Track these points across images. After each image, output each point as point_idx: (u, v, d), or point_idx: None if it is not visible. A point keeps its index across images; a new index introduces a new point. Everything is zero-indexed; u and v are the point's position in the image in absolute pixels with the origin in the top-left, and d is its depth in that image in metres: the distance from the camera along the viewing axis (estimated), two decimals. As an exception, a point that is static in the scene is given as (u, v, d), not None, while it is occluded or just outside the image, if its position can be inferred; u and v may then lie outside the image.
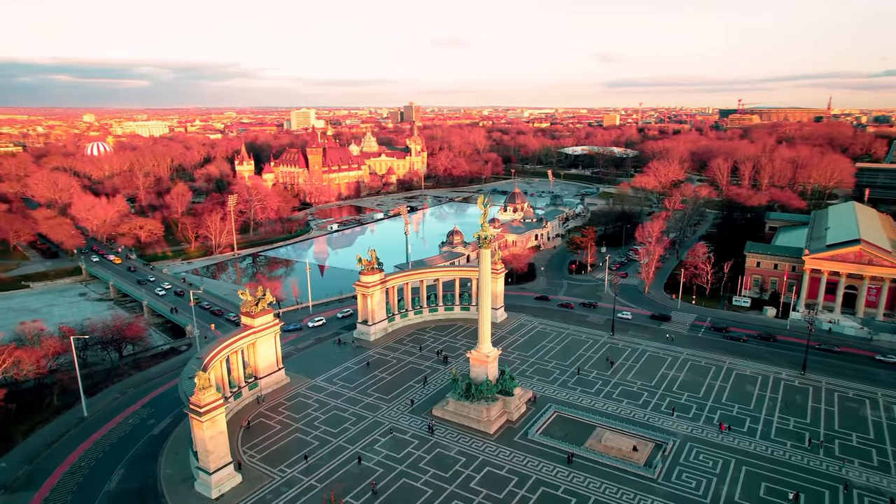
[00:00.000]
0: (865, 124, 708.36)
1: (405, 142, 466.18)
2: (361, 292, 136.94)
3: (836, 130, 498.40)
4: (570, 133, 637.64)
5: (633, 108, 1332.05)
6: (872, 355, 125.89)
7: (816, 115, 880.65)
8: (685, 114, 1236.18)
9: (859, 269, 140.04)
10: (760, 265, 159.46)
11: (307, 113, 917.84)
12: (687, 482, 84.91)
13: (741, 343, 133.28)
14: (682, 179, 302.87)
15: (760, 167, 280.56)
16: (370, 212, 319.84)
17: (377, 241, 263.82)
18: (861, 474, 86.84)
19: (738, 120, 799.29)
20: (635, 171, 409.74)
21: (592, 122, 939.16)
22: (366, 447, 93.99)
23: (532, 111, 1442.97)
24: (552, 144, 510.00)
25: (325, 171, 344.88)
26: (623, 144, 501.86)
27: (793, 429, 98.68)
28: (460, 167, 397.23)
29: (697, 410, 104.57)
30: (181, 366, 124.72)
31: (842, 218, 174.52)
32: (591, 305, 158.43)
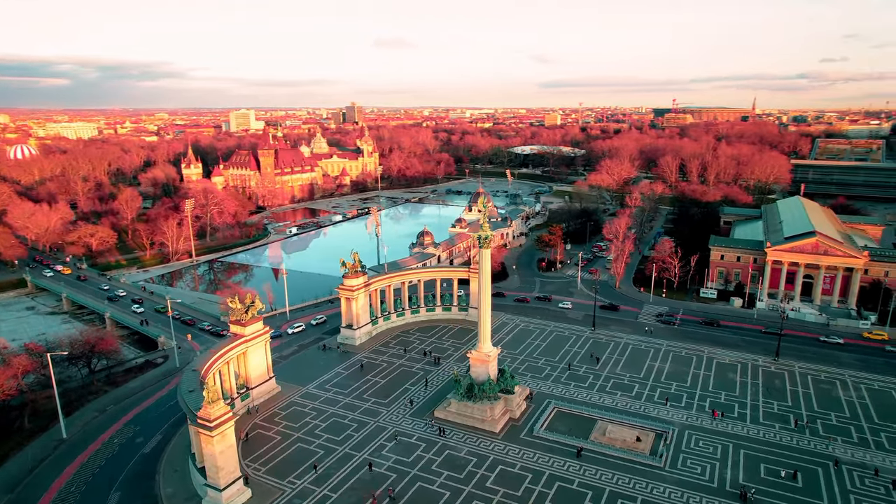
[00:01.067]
0: (787, 123, 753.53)
1: (354, 142, 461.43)
2: (345, 296, 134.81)
3: (765, 129, 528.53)
4: (514, 133, 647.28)
5: (573, 108, 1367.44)
6: (818, 337, 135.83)
7: (743, 114, 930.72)
8: (621, 113, 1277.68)
9: (816, 259, 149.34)
10: (724, 258, 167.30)
11: (247, 114, 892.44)
12: (692, 468, 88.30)
13: (716, 333, 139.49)
14: (633, 177, 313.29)
15: (707, 164, 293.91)
16: (326, 214, 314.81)
17: (340, 243, 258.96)
18: (846, 450, 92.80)
19: (673, 119, 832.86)
20: (585, 170, 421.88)
21: (534, 121, 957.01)
22: (373, 453, 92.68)
23: (473, 111, 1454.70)
24: (501, 144, 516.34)
25: (277, 174, 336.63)
26: (569, 143, 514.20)
27: (777, 412, 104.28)
28: (414, 168, 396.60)
29: (688, 399, 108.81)
30: (161, 380, 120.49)
31: (792, 212, 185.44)
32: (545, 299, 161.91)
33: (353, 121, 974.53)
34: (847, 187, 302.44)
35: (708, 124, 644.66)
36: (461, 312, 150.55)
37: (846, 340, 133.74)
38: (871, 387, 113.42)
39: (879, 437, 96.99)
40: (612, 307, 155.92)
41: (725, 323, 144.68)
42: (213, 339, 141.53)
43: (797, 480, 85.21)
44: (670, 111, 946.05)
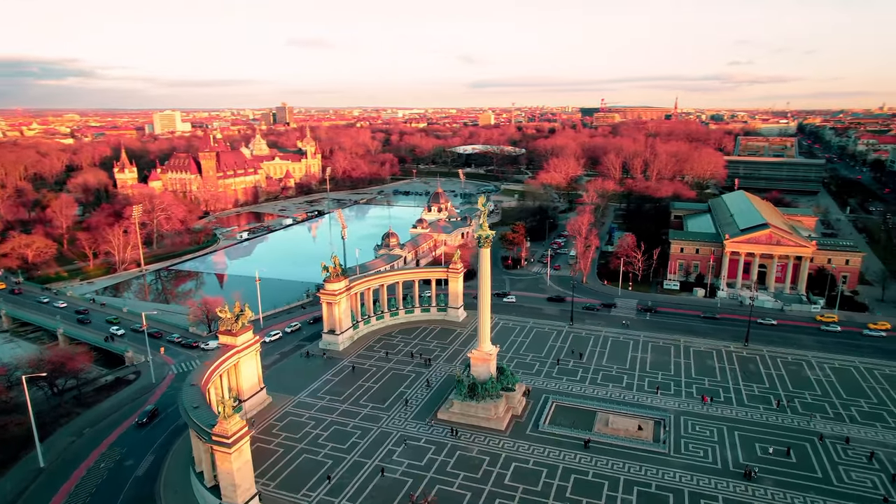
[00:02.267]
0: (707, 122, 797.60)
1: (294, 143, 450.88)
2: (327, 300, 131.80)
3: (690, 127, 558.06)
4: (452, 133, 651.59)
5: (503, 108, 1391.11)
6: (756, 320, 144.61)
7: (666, 113, 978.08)
8: (550, 113, 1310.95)
9: (770, 249, 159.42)
10: (684, 251, 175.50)
11: (172, 116, 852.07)
12: (695, 452, 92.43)
13: (686, 322, 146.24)
14: (580, 175, 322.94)
15: (649, 161, 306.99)
16: (274, 217, 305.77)
17: (292, 247, 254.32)
18: (826, 425, 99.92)
19: (602, 118, 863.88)
20: (528, 169, 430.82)
21: (467, 121, 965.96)
22: (384, 459, 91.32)
23: (405, 111, 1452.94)
24: (442, 144, 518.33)
25: (220, 177, 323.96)
26: (507, 143, 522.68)
27: (758, 394, 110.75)
28: (360, 169, 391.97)
29: (676, 387, 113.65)
30: (137, 397, 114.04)
31: (740, 205, 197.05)
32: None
33: (284, 121, 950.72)
34: (773, 182, 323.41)
35: (637, 123, 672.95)
36: (440, 313, 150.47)
37: (798, 323, 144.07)
38: (833, 365, 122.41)
39: (850, 411, 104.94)
40: (607, 305, 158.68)
41: (723, 315, 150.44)
42: (186, 351, 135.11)
43: (790, 456, 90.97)
44: (598, 110, 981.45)
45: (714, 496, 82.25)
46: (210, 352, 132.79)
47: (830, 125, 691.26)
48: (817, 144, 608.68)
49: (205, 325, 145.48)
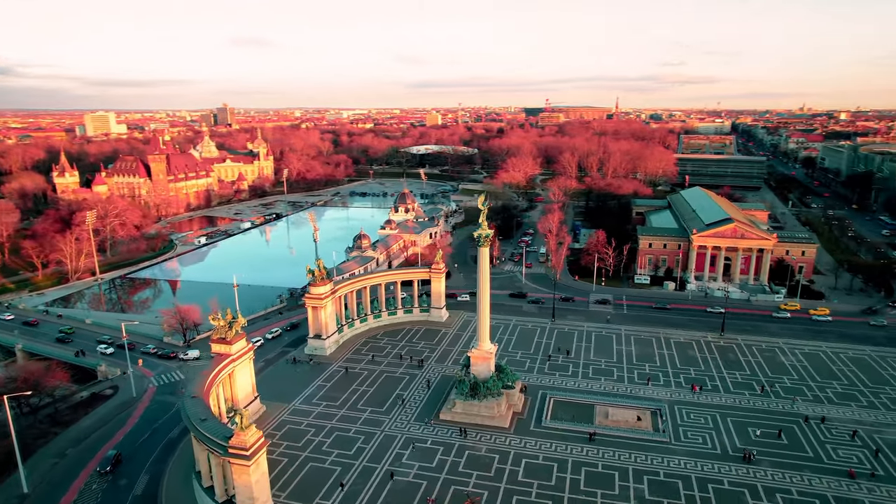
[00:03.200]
0: (648, 121, 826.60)
1: (243, 145, 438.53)
2: (313, 305, 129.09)
3: (636, 126, 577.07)
4: (401, 133, 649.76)
5: (447, 108, 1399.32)
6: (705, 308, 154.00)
7: (608, 112, 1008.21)
8: (494, 113, 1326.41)
9: (734, 242, 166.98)
10: (652, 246, 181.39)
11: (105, 117, 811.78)
12: (694, 439, 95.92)
13: (662, 315, 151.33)
14: (538, 174, 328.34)
15: (604, 160, 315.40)
16: (228, 222, 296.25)
17: (255, 251, 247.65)
18: (807, 407, 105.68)
19: (547, 118, 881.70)
20: (483, 168, 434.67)
21: (414, 122, 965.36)
22: (393, 463, 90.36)
23: (349, 112, 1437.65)
24: (393, 145, 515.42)
25: (170, 181, 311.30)
26: (459, 143, 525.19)
27: (742, 380, 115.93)
28: (315, 170, 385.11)
29: (665, 377, 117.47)
30: (119, 413, 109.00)
31: (700, 201, 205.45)
32: (522, 296, 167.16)
33: (225, 122, 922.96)
34: (719, 178, 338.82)
35: (583, 122, 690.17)
36: (423, 314, 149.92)
37: (765, 312, 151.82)
38: (803, 351, 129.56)
39: (826, 392, 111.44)
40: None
41: (728, 307, 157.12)
42: (164, 362, 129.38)
43: (782, 438, 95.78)
44: (543, 111, 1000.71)
45: (720, 480, 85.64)
46: (190, 362, 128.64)
47: (761, 124, 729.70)
48: (751, 142, 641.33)
49: (180, 334, 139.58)
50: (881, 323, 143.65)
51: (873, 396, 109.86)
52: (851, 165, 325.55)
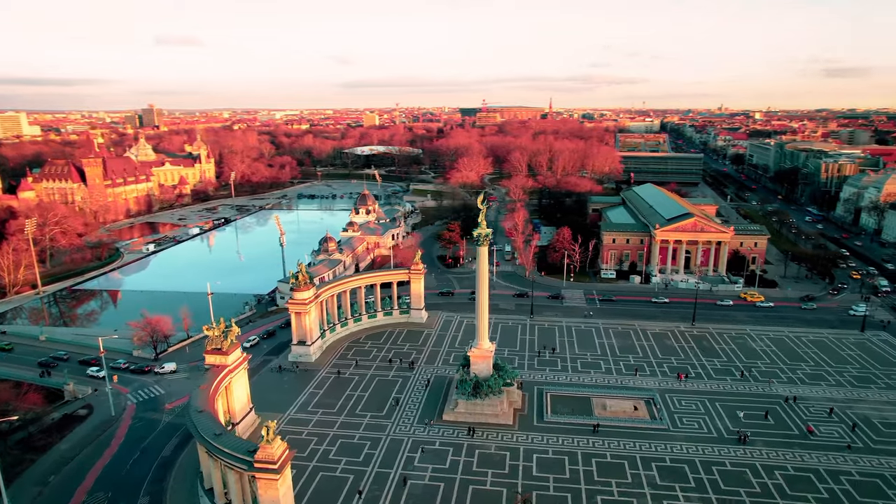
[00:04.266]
0: (582, 120, 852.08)
1: (181, 148, 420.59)
2: (296, 310, 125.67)
3: (573, 126, 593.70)
4: (341, 134, 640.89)
5: (382, 109, 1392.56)
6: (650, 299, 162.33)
7: (542, 112, 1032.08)
8: (430, 113, 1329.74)
9: (695, 236, 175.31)
10: (615, 241, 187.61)
11: (16, 117, 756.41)
12: (690, 425, 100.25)
13: (634, 308, 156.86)
14: (490, 173, 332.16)
15: (554, 158, 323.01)
16: (174, 227, 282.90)
17: (208, 258, 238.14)
18: (785, 388, 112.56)
19: (484, 118, 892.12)
20: (430, 169, 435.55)
21: (351, 122, 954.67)
22: (406, 467, 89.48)
23: (281, 113, 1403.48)
24: (336, 146, 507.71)
25: (108, 185, 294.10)
26: (403, 143, 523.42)
27: (720, 367, 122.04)
28: (260, 173, 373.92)
29: (650, 367, 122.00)
30: (99, 434, 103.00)
31: (655, 197, 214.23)
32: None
33: (152, 124, 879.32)
34: (660, 174, 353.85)
35: (522, 122, 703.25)
36: (403, 315, 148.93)
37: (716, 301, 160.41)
38: (770, 336, 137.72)
39: (798, 374, 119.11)
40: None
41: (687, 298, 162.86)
42: (139, 377, 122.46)
43: (768, 419, 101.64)
44: (479, 111, 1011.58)
45: (721, 462, 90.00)
46: (167, 376, 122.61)
47: (688, 123, 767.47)
48: (680, 140, 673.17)
49: (150, 347, 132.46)
50: (811, 307, 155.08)
51: (838, 375, 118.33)
52: (779, 161, 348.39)
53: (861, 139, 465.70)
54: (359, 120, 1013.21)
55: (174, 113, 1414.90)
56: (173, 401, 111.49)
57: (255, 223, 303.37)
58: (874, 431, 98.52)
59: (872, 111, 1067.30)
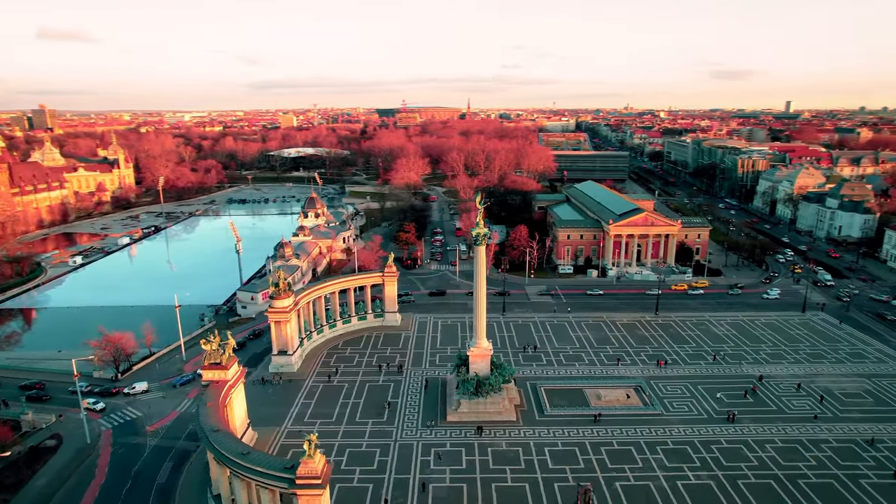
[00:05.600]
0: (502, 120, 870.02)
1: (93, 152, 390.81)
2: (276, 319, 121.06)
3: (497, 126, 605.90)
4: (261, 137, 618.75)
5: (295, 110, 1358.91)
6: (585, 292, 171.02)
7: (461, 112, 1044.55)
8: (346, 114, 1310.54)
9: (646, 230, 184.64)
10: (570, 237, 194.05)
11: None
12: (680, 408, 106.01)
13: (596, 301, 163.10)
14: (428, 174, 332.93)
15: (491, 158, 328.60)
16: (101, 238, 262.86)
17: (144, 269, 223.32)
18: (754, 369, 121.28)
19: (405, 118, 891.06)
20: (361, 170, 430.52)
21: (266, 124, 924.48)
22: (424, 471, 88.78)
23: (190, 115, 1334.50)
24: (261, 148, 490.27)
25: (15, 193, 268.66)
26: (328, 145, 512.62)
27: (693, 352, 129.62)
28: (185, 178, 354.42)
29: (629, 357, 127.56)
30: (78, 465, 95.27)
31: (601, 194, 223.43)
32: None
33: (44, 126, 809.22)
34: (589, 172, 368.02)
35: (444, 122, 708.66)
36: (377, 319, 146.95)
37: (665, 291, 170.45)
38: (727, 321, 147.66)
39: (760, 354, 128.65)
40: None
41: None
42: (109, 400, 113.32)
43: (748, 398, 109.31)
44: (396, 111, 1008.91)
45: (717, 440, 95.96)
46: (138, 397, 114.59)
47: (601, 122, 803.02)
48: (596, 139, 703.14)
49: (112, 367, 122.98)
50: (737, 293, 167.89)
51: (795, 353, 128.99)
52: (697, 158, 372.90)
53: (759, 137, 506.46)
54: (274, 121, 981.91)
55: (65, 114, 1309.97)
56: (154, 422, 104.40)
57: (187, 230, 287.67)
58: (838, 402, 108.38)
59: (758, 111, 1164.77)
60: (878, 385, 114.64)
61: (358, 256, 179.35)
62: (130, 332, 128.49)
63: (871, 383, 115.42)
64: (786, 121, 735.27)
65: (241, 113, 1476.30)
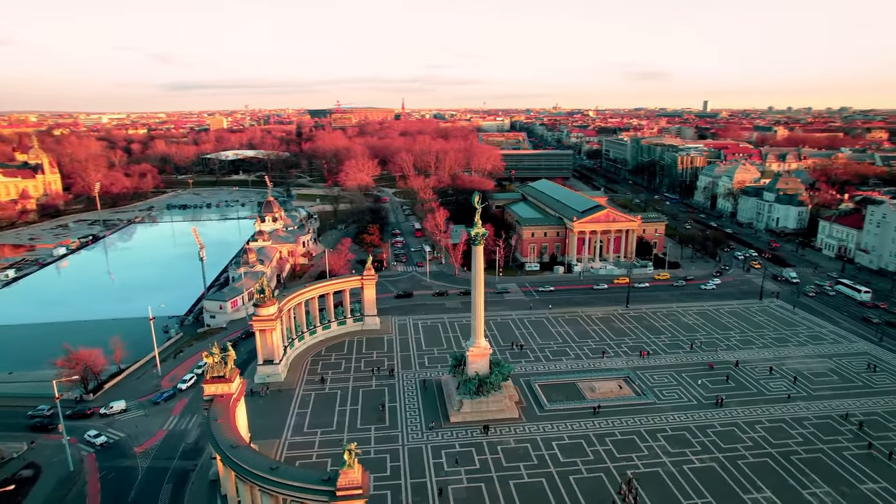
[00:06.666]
0: (438, 120, 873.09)
1: (14, 157, 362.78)
2: (261, 328, 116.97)
3: (435, 126, 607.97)
4: (193, 140, 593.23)
5: (222, 111, 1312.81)
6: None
7: (395, 113, 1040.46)
8: (275, 115, 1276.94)
9: (608, 226, 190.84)
10: (534, 235, 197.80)
11: None
12: (670, 396, 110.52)
13: (567, 296, 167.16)
14: (377, 175, 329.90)
15: (440, 158, 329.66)
16: (27, 249, 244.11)
17: (90, 281, 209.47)
18: (729, 355, 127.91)
19: (340, 119, 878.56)
20: (306, 173, 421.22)
21: (194, 126, 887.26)
22: (439, 474, 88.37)
23: (108, 116, 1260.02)
24: (198, 151, 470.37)
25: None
26: (262, 147, 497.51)
27: (670, 342, 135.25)
28: (120, 183, 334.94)
29: (609, 349, 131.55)
30: (65, 495, 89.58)
31: (558, 192, 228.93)
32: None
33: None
34: (535, 170, 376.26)
35: (381, 122, 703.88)
36: (357, 323, 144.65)
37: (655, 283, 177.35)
38: (694, 311, 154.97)
39: (731, 341, 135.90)
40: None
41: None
42: (85, 423, 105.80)
43: (729, 382, 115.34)
44: (331, 112, 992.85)
45: (711, 424, 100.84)
46: (117, 416, 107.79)
47: (535, 122, 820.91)
48: (532, 138, 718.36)
49: (80, 387, 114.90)
50: (681, 284, 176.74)
51: (762, 339, 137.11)
52: (636, 156, 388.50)
53: (687, 134, 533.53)
54: (202, 123, 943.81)
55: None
56: (142, 442, 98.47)
57: (128, 238, 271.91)
58: (809, 382, 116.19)
59: (679, 110, 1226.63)
60: (839, 364, 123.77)
61: (329, 261, 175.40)
62: (98, 348, 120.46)
63: (832, 363, 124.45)
64: (708, 119, 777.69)
65: (164, 115, 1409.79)
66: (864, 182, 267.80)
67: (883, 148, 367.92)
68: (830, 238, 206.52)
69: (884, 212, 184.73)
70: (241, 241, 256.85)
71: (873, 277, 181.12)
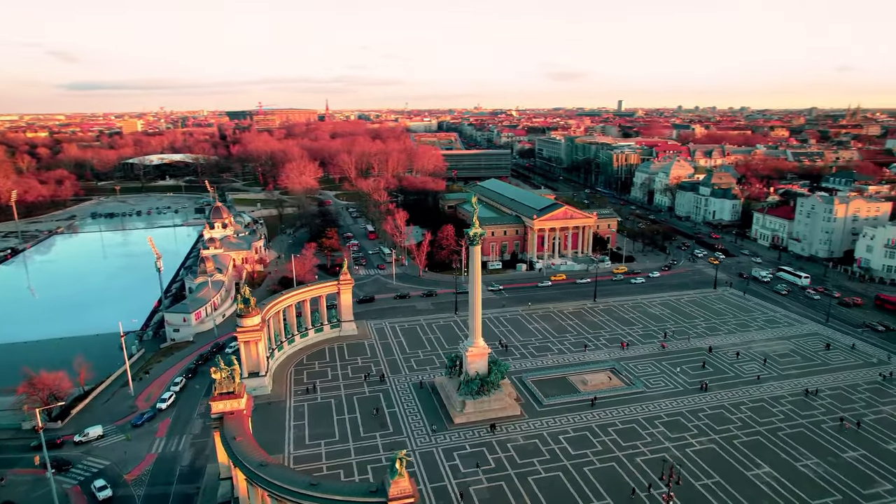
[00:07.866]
0: (366, 122, 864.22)
1: None
2: (246, 339, 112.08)
3: (367, 126, 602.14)
4: (108, 144, 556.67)
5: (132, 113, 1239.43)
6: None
7: (319, 114, 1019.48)
8: (192, 116, 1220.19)
9: (566, 223, 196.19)
10: (494, 234, 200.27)
11: None
12: (657, 384, 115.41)
13: (535, 292, 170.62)
14: (320, 176, 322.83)
15: (386, 159, 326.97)
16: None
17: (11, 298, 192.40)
18: (701, 342, 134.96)
19: (263, 121, 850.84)
20: (239, 176, 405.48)
21: (105, 129, 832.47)
22: (457, 476, 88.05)
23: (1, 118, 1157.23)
24: (119, 156, 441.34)
25: None
26: (184, 150, 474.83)
27: (643, 333, 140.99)
28: (35, 190, 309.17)
29: (591, 342, 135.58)
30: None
31: (509, 190, 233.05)
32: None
33: None
34: (475, 170, 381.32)
35: (307, 124, 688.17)
36: (334, 330, 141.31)
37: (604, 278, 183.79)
38: (657, 301, 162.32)
39: (698, 329, 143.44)
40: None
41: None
42: (57, 453, 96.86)
43: (706, 368, 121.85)
44: (251, 113, 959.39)
45: (701, 408, 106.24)
46: (94, 443, 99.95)
47: (462, 122, 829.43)
48: (462, 138, 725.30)
49: (44, 413, 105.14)
50: (619, 278, 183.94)
51: (725, 325, 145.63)
52: (571, 154, 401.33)
53: (612, 132, 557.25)
54: (111, 126, 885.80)
55: None
56: (131, 469, 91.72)
57: (52, 251, 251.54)
58: (775, 363, 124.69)
59: (596, 109, 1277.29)
60: (798, 344, 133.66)
61: (295, 267, 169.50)
62: (62, 370, 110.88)
63: (792, 343, 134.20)
64: (627, 118, 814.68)
65: (63, 117, 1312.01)
66: (783, 176, 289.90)
67: (792, 145, 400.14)
68: (764, 229, 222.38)
69: (812, 203, 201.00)
70: (181, 250, 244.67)
71: (806, 264, 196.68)
